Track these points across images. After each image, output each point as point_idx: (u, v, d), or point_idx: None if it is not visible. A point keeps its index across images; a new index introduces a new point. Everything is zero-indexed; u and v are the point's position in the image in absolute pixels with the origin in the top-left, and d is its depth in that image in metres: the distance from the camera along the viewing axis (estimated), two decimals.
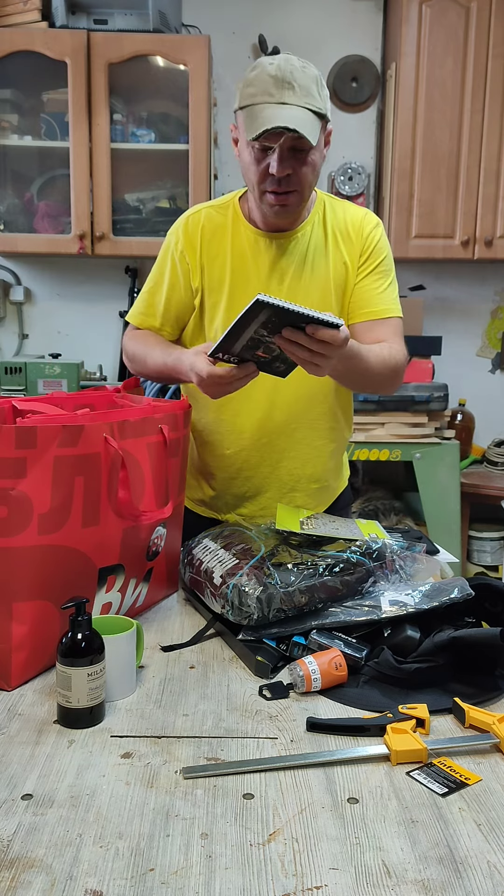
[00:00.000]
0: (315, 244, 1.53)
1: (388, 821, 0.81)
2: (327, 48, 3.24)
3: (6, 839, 0.78)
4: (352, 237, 1.54)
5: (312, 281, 1.52)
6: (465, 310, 3.46)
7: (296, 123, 1.32)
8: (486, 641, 1.07)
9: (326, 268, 1.53)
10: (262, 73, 1.35)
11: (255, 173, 1.41)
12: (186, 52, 2.88)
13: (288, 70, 1.34)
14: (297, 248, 1.52)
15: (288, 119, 1.32)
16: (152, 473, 1.30)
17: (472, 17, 2.92)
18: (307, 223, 1.53)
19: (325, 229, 1.54)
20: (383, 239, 1.57)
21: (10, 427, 1.04)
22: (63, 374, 2.87)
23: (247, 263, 1.53)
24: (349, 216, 1.55)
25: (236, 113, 1.46)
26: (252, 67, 1.39)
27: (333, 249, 1.53)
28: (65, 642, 0.98)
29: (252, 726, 1.00)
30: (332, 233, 1.54)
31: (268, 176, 1.40)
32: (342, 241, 1.54)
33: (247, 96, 1.38)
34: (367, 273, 1.54)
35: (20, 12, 2.90)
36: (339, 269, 1.53)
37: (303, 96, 1.34)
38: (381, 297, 1.56)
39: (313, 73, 1.38)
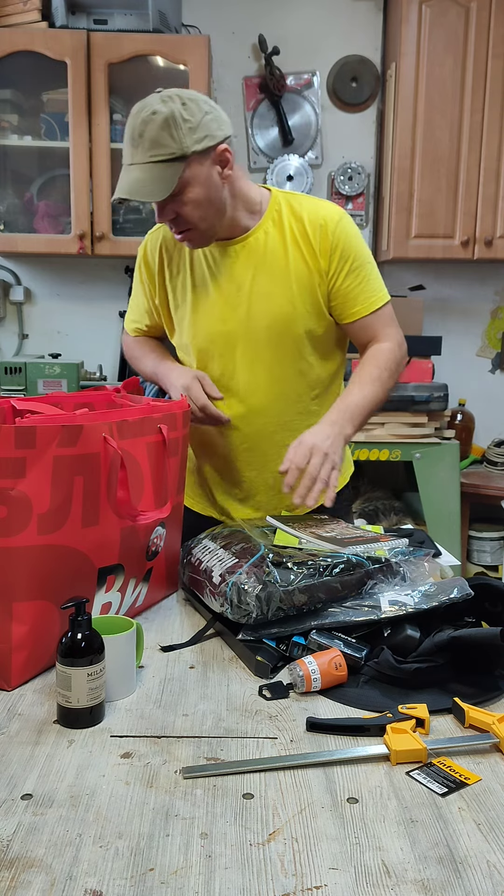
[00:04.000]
0: (272, 246, 1.52)
1: (387, 821, 0.81)
2: (327, 48, 3.24)
3: (6, 839, 0.78)
4: (311, 238, 1.50)
5: (272, 284, 1.51)
6: (465, 310, 3.46)
7: (133, 189, 1.34)
8: (486, 641, 1.07)
9: (286, 269, 1.51)
10: (127, 128, 1.37)
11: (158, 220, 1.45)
12: (186, 52, 2.88)
13: (137, 124, 1.34)
14: (252, 253, 1.52)
15: (127, 186, 1.35)
16: (151, 473, 1.30)
17: (471, 17, 2.92)
18: (258, 228, 1.51)
19: (281, 231, 1.52)
20: (350, 232, 1.52)
21: (10, 427, 1.04)
22: (63, 374, 2.87)
23: (205, 275, 1.54)
24: (308, 215, 1.51)
25: None
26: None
27: (293, 249, 1.51)
28: (65, 642, 0.98)
29: (252, 726, 1.00)
30: (290, 233, 1.51)
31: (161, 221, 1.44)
32: (301, 240, 1.51)
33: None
34: (344, 275, 1.52)
35: (20, 12, 2.90)
36: (300, 270, 1.51)
37: (147, 150, 1.34)
38: (364, 291, 1.54)
39: (163, 115, 1.32)
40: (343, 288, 1.53)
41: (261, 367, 1.55)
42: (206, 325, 1.55)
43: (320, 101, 3.28)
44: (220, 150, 1.41)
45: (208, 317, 1.55)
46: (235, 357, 1.55)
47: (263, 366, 1.55)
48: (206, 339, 1.56)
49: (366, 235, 3.37)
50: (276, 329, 1.52)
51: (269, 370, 1.55)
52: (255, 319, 1.52)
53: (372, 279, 1.55)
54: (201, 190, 1.40)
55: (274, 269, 1.51)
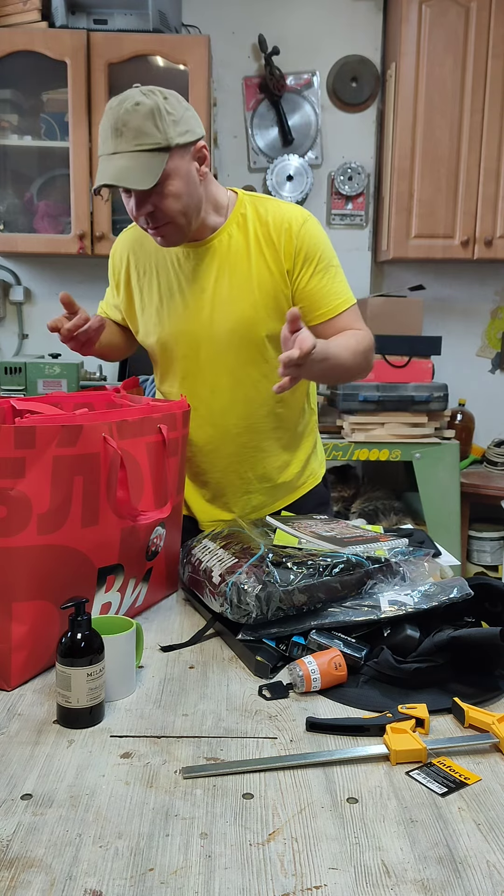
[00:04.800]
0: (235, 249, 1.51)
1: (387, 820, 0.81)
2: (327, 48, 3.24)
3: (6, 839, 0.78)
4: (275, 241, 1.49)
5: (234, 288, 1.51)
6: (465, 310, 3.46)
7: (120, 176, 1.32)
8: (486, 641, 1.07)
9: (248, 273, 1.51)
10: (104, 121, 1.35)
11: (130, 214, 1.42)
12: (186, 52, 2.88)
13: (120, 114, 1.32)
14: (216, 255, 1.51)
15: (113, 173, 1.32)
16: (151, 473, 1.30)
17: (471, 17, 2.92)
18: (223, 230, 1.51)
19: (245, 234, 1.51)
20: (315, 234, 1.51)
21: (9, 427, 1.04)
22: (63, 374, 2.87)
23: (170, 277, 1.55)
24: (272, 219, 1.50)
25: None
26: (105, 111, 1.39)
27: (256, 254, 1.50)
28: (64, 642, 0.98)
29: (252, 726, 1.00)
30: (255, 236, 1.51)
31: (135, 216, 1.42)
32: (265, 245, 1.50)
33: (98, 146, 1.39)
34: (309, 276, 1.51)
35: (20, 12, 2.90)
36: (262, 274, 1.50)
37: (132, 139, 1.32)
38: (330, 293, 1.53)
39: (147, 106, 1.32)
40: (308, 290, 1.51)
41: (224, 370, 1.55)
42: (170, 327, 1.56)
43: (320, 101, 3.28)
44: (199, 146, 1.41)
45: (173, 319, 1.55)
46: (199, 359, 1.56)
47: (227, 369, 1.55)
48: (171, 340, 1.57)
49: (366, 235, 3.37)
50: (239, 333, 1.52)
51: (232, 373, 1.55)
52: (217, 323, 1.52)
53: (337, 281, 1.54)
54: (181, 183, 1.39)
55: (236, 272, 1.51)
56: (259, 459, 1.62)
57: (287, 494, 1.69)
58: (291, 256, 1.50)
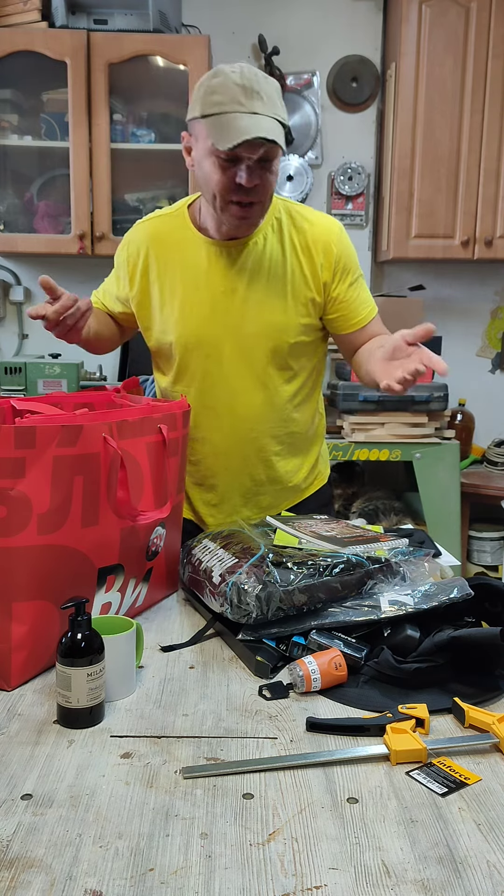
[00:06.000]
0: (271, 254, 1.51)
1: (387, 821, 0.81)
2: (327, 48, 3.24)
3: (6, 839, 0.78)
4: (312, 252, 1.51)
5: (267, 292, 1.50)
6: (465, 310, 3.46)
7: (269, 132, 1.31)
8: (486, 641, 1.07)
9: (283, 278, 1.51)
10: (227, 82, 1.32)
11: (219, 183, 1.38)
12: (186, 52, 2.88)
13: (254, 79, 1.32)
14: (250, 257, 1.50)
15: (263, 129, 1.30)
16: (151, 473, 1.30)
17: (471, 17, 2.92)
18: (259, 231, 1.51)
19: (281, 240, 1.51)
20: (349, 245, 1.56)
21: (10, 427, 1.04)
22: (63, 374, 2.87)
23: (198, 275, 1.52)
24: (310, 228, 1.52)
25: (193, 122, 1.41)
26: (212, 74, 1.35)
27: (292, 260, 1.51)
28: (65, 642, 0.98)
29: (252, 726, 0.99)
30: (291, 244, 1.51)
31: (234, 186, 1.37)
32: (301, 253, 1.51)
33: (212, 104, 1.34)
34: (346, 287, 1.54)
35: (20, 12, 2.90)
36: (297, 282, 1.51)
37: (270, 106, 1.33)
38: (362, 303, 1.58)
39: (275, 83, 1.36)
40: (344, 300, 1.54)
41: (247, 373, 1.54)
42: (194, 325, 1.54)
43: (320, 101, 3.28)
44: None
45: (197, 317, 1.53)
46: (222, 361, 1.54)
47: (250, 372, 1.54)
48: (194, 340, 1.54)
49: (366, 235, 3.37)
50: (266, 337, 1.52)
51: (255, 377, 1.55)
52: (246, 325, 1.51)
53: (365, 290, 1.60)
54: (278, 166, 1.40)
55: (271, 276, 1.50)
56: (272, 463, 1.62)
57: (295, 496, 1.70)
58: (330, 268, 1.51)
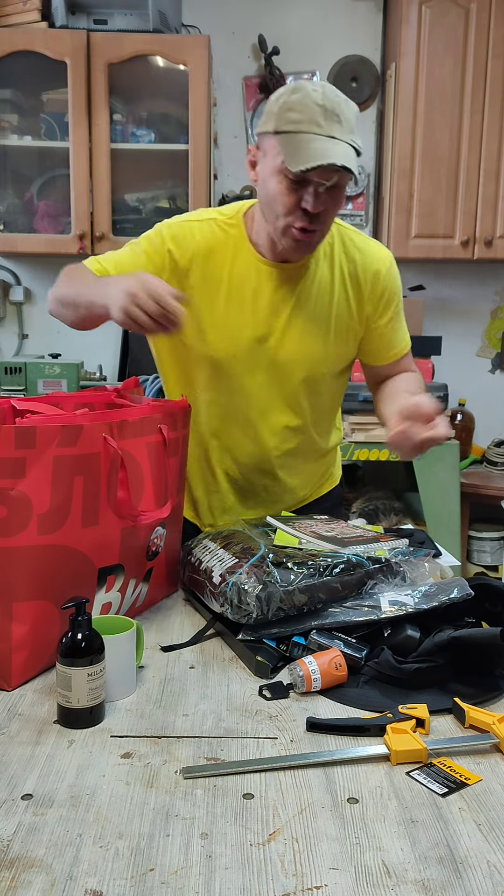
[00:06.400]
0: (320, 281, 1.46)
1: (388, 821, 0.81)
2: (327, 48, 3.24)
3: (6, 839, 0.78)
4: (361, 283, 1.48)
5: (311, 321, 1.47)
6: (465, 310, 3.46)
7: (346, 160, 1.24)
8: (486, 641, 1.07)
9: (329, 308, 1.47)
10: (307, 100, 1.25)
11: (284, 205, 1.31)
12: (186, 52, 2.88)
13: (335, 100, 1.25)
14: (300, 282, 1.45)
15: (340, 156, 1.24)
16: (151, 473, 1.30)
17: (471, 17, 2.92)
18: (311, 258, 1.45)
19: (331, 267, 1.47)
20: (397, 278, 1.53)
21: (10, 427, 1.04)
22: (63, 374, 2.87)
23: (244, 291, 1.45)
24: (361, 259, 1.48)
25: (264, 136, 1.32)
26: (291, 90, 1.28)
27: (339, 290, 1.47)
28: (65, 642, 0.98)
29: (252, 726, 0.99)
30: (340, 273, 1.47)
31: (297, 210, 1.31)
32: (350, 283, 1.47)
33: (288, 121, 1.26)
34: (387, 320, 1.52)
35: (20, 12, 2.90)
36: (341, 313, 1.48)
37: (348, 131, 1.27)
38: (400, 336, 1.57)
39: (355, 108, 1.30)
40: (383, 332, 1.53)
41: (277, 394, 1.52)
42: (232, 343, 1.47)
43: None
44: None
45: (237, 335, 1.47)
46: (255, 382, 1.50)
47: (280, 393, 1.52)
48: (229, 357, 1.48)
49: None
50: (304, 365, 1.50)
51: (284, 397, 1.53)
52: (284, 351, 1.48)
53: (404, 322, 1.57)
54: (344, 193, 1.35)
55: (317, 305, 1.46)
56: (286, 474, 1.61)
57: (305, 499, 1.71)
58: (375, 301, 1.49)
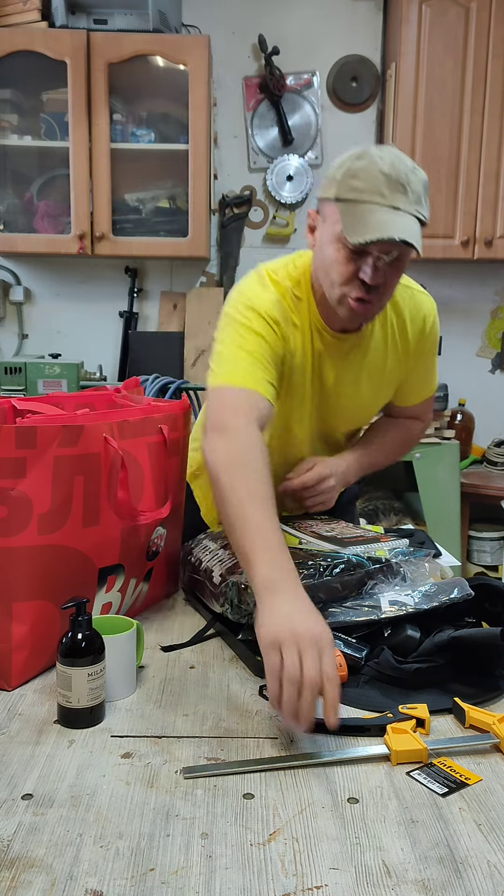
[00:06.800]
0: (374, 347, 1.43)
1: (388, 821, 0.81)
2: (327, 48, 3.24)
3: (6, 839, 0.78)
4: (409, 335, 1.45)
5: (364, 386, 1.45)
6: (465, 310, 3.46)
7: (408, 233, 1.18)
8: (486, 641, 1.07)
9: (381, 370, 1.45)
10: (372, 167, 1.19)
11: (340, 274, 1.25)
12: (186, 52, 2.88)
13: (402, 169, 1.19)
14: (355, 350, 1.41)
15: (401, 229, 1.17)
16: (152, 473, 1.30)
17: (471, 17, 2.92)
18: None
19: (384, 327, 1.42)
20: (437, 328, 1.51)
21: (10, 427, 1.04)
22: (63, 374, 2.87)
23: (306, 359, 1.39)
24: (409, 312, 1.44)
25: (325, 202, 1.27)
26: (356, 156, 1.21)
27: (392, 349, 1.45)
28: (65, 642, 0.98)
29: (252, 726, 1.00)
30: (391, 329, 1.43)
31: (355, 280, 1.25)
32: (399, 337, 1.45)
33: (350, 189, 1.20)
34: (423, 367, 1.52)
35: (20, 12, 2.90)
36: (393, 369, 1.46)
37: (414, 202, 1.20)
38: (427, 382, 1.57)
39: (423, 176, 1.23)
40: (417, 377, 1.52)
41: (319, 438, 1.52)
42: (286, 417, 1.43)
43: (320, 101, 3.28)
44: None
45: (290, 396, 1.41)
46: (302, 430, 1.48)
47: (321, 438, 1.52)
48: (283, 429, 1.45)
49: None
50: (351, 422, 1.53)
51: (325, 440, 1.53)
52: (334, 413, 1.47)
53: (434, 371, 1.56)
54: (406, 264, 1.29)
55: (370, 371, 1.44)
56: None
57: None
58: (417, 352, 1.48)
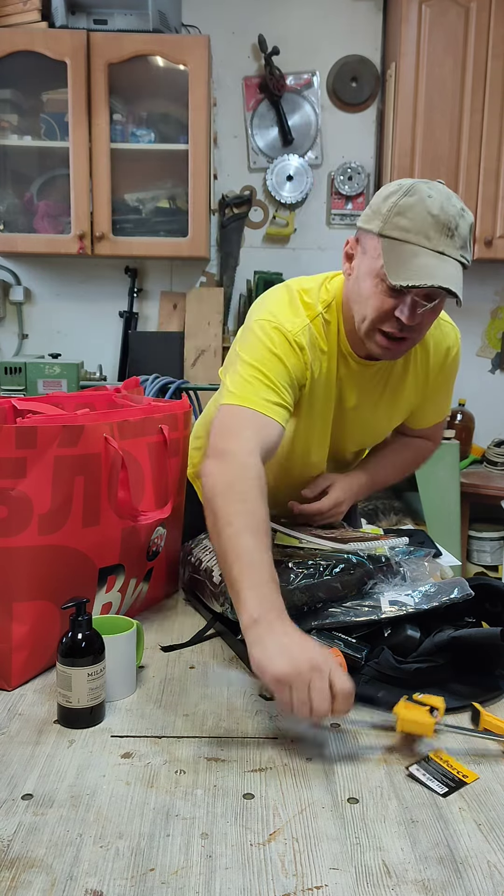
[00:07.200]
0: (396, 373, 1.42)
1: (388, 821, 0.81)
2: (327, 48, 3.24)
3: (6, 839, 0.78)
4: (431, 365, 1.43)
5: (382, 410, 1.45)
6: (465, 310, 3.45)
7: (451, 281, 1.14)
8: (486, 641, 1.07)
9: (400, 395, 1.44)
10: (421, 207, 1.15)
11: (376, 310, 1.22)
12: (186, 52, 2.88)
13: (451, 213, 1.15)
14: (377, 376, 1.40)
15: (445, 276, 1.14)
16: (152, 473, 1.30)
17: (471, 17, 2.92)
18: None
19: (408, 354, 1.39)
20: (458, 357, 1.48)
21: (11, 427, 1.04)
22: (63, 374, 2.87)
23: (331, 386, 1.37)
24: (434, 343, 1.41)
25: (366, 233, 1.22)
26: (406, 191, 1.17)
27: (412, 376, 1.43)
28: (65, 642, 0.98)
29: (252, 726, 1.00)
30: (413, 357, 1.41)
31: (390, 317, 1.22)
32: (420, 366, 1.43)
33: (395, 227, 1.16)
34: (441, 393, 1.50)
35: (20, 12, 2.90)
36: (410, 396, 1.46)
37: (459, 247, 1.17)
38: (442, 408, 1.56)
39: (470, 219, 1.19)
40: (433, 404, 1.52)
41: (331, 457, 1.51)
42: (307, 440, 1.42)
43: (320, 101, 3.28)
44: None
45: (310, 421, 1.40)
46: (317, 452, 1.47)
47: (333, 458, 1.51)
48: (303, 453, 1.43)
49: None
50: (364, 444, 1.53)
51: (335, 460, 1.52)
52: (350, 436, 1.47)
53: (449, 397, 1.55)
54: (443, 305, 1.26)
55: (390, 396, 1.44)
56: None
57: None
58: (437, 379, 1.46)
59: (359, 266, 1.26)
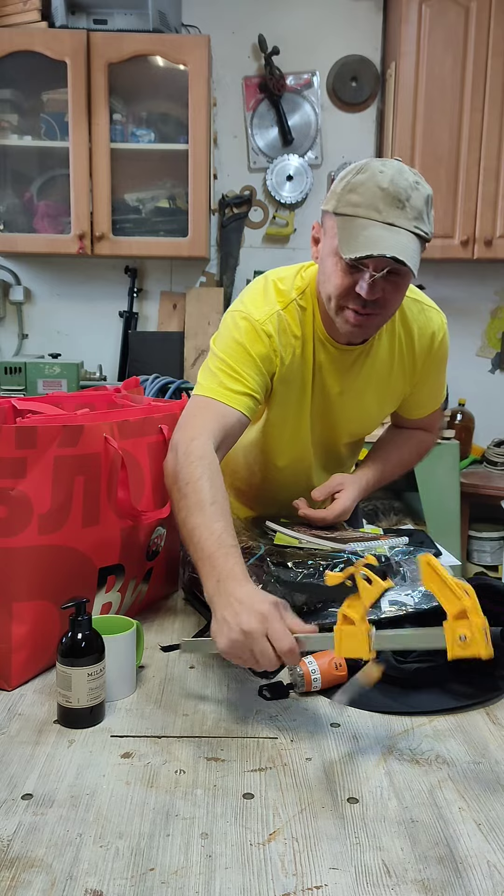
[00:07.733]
0: (381, 358, 1.41)
1: (387, 820, 0.81)
2: (327, 48, 3.24)
3: (6, 839, 0.78)
4: (416, 351, 1.42)
5: (368, 398, 1.43)
6: (465, 310, 3.46)
7: (401, 251, 1.14)
8: None
9: (386, 382, 1.44)
10: (371, 183, 1.16)
11: (337, 287, 1.23)
12: (186, 51, 2.88)
13: (402, 185, 1.16)
14: (360, 362, 1.39)
15: (394, 246, 1.14)
16: (152, 473, 1.30)
17: (471, 16, 2.92)
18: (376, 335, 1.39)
19: (391, 341, 1.40)
20: (447, 344, 1.47)
21: (11, 427, 1.04)
22: (63, 374, 2.87)
23: (306, 371, 1.37)
24: (417, 327, 1.41)
25: (326, 214, 1.24)
26: (358, 169, 1.19)
27: (398, 364, 1.43)
28: (65, 642, 0.98)
29: (252, 726, 1.00)
30: (399, 343, 1.41)
31: (351, 293, 1.23)
32: (406, 352, 1.42)
33: (347, 204, 1.18)
34: (430, 381, 1.49)
35: (20, 12, 2.90)
36: (396, 384, 1.45)
37: (412, 218, 1.17)
38: (436, 396, 1.55)
39: (426, 191, 1.19)
40: (424, 391, 1.51)
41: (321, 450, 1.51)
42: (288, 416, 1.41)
43: (320, 100, 3.28)
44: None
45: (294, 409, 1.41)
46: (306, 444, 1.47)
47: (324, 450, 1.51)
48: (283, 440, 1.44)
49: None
50: (354, 434, 1.53)
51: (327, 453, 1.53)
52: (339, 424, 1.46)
53: (443, 385, 1.55)
54: (408, 283, 1.26)
55: (376, 383, 1.43)
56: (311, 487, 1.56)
57: None
58: (425, 368, 1.45)
59: (322, 248, 1.28)
